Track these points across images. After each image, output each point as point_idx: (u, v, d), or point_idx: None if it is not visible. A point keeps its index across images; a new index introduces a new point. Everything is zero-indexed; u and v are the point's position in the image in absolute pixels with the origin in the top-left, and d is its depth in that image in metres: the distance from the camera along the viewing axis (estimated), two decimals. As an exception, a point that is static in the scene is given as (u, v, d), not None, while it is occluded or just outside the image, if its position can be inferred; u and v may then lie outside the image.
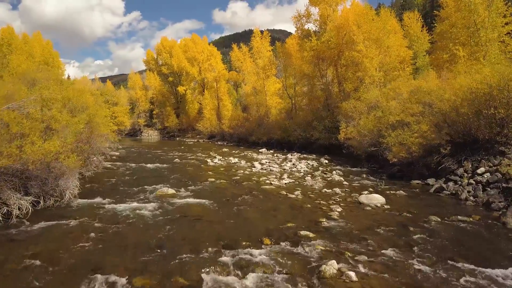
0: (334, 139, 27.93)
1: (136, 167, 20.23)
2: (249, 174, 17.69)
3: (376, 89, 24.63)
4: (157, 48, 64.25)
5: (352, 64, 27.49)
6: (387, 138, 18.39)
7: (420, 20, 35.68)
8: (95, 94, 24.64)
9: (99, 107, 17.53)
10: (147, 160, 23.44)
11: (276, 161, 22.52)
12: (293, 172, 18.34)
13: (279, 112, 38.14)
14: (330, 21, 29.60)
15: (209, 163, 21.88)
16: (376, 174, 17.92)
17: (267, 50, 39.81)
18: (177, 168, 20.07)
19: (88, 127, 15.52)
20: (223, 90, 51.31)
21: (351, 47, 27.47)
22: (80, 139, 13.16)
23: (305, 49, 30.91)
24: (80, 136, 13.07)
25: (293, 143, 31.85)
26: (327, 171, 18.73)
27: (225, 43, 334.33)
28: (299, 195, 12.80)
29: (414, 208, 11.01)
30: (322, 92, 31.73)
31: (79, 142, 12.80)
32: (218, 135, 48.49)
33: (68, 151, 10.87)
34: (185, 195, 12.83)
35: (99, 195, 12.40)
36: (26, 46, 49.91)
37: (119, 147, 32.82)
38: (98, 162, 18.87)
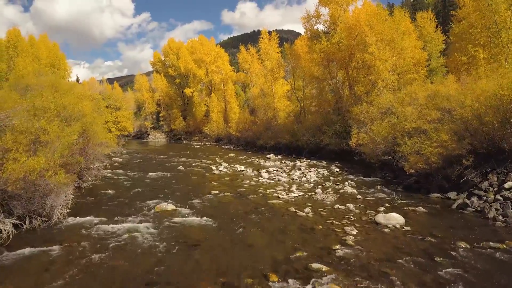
0: (345, 144, 26.82)
1: (137, 176, 19.32)
2: (256, 185, 16.65)
3: (390, 93, 23.44)
4: (164, 50, 63.57)
5: (364, 66, 26.32)
6: (402, 146, 17.26)
7: (434, 20, 34.34)
8: (97, 98, 23.76)
9: (97, 115, 16.62)
10: (150, 168, 22.53)
11: (284, 169, 21.45)
12: (302, 183, 17.26)
13: (287, 115, 37.05)
14: (340, 21, 28.45)
15: (214, 171, 20.89)
16: (391, 185, 16.78)
17: (275, 52, 38.72)
18: (180, 178, 19.11)
19: (84, 136, 14.63)
20: (230, 93, 50.33)
21: (363, 49, 26.29)
22: (74, 150, 12.23)
23: (315, 51, 29.79)
24: (74, 147, 12.13)
25: (301, 148, 30.75)
26: (338, 182, 17.63)
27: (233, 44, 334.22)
28: (310, 212, 11.73)
29: (437, 230, 9.88)
30: (332, 95, 30.59)
31: (72, 154, 11.86)
32: (225, 138, 47.54)
33: (56, 166, 9.93)
34: (186, 212, 11.83)
35: (92, 212, 11.46)
36: (32, 49, 49.50)
37: (123, 152, 32.07)
38: (97, 171, 17.99)
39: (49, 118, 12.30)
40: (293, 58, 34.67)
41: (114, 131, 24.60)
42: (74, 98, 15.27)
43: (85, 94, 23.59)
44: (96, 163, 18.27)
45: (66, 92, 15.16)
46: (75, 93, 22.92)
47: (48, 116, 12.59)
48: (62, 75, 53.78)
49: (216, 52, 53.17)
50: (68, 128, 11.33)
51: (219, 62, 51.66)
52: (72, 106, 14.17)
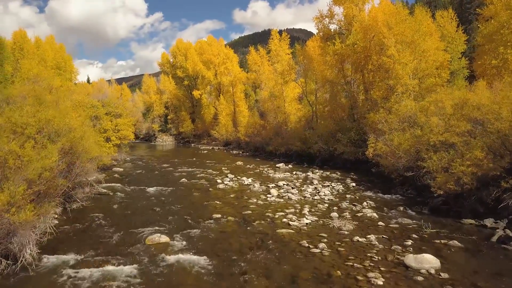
0: (360, 153, 24.97)
1: (134, 193, 17.77)
2: (263, 206, 14.96)
3: (411, 100, 21.54)
4: (172, 51, 62.22)
5: (381, 70, 24.40)
6: (427, 161, 15.44)
7: (455, 19, 32.18)
8: (95, 106, 22.33)
9: (89, 128, 15.06)
10: (150, 181, 21.01)
11: (295, 183, 19.71)
12: (315, 203, 15.52)
13: (299, 119, 35.26)
14: (356, 21, 26.56)
15: (219, 185, 19.24)
16: (415, 205, 14.97)
17: (286, 53, 36.95)
18: (181, 194, 17.52)
19: (71, 153, 13.11)
20: (239, 95, 48.68)
21: (380, 51, 24.41)
22: (55, 173, 10.69)
23: (328, 53, 27.97)
24: (54, 170, 10.59)
25: (313, 155, 28.94)
26: (355, 200, 15.89)
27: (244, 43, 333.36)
28: (325, 248, 9.99)
29: (481, 279, 8.12)
30: (347, 100, 28.72)
31: (52, 178, 10.32)
32: (233, 142, 45.94)
33: (25, 198, 8.39)
34: (180, 247, 10.20)
35: (73, 247, 9.91)
36: (38, 50, 48.57)
37: (127, 159, 30.68)
38: (91, 188, 16.51)
39: (26, 136, 10.80)
40: (305, 60, 32.84)
41: (114, 139, 23.13)
42: (61, 110, 13.75)
43: (83, 102, 22.17)
44: (91, 176, 16.85)
45: (53, 104, 13.65)
46: (65, 104, 21.58)
47: (27, 133, 11.10)
48: (68, 77, 52.91)
49: (225, 53, 51.55)
50: (43, 151, 9.76)
51: (227, 63, 50.03)
52: (58, 120, 12.64)
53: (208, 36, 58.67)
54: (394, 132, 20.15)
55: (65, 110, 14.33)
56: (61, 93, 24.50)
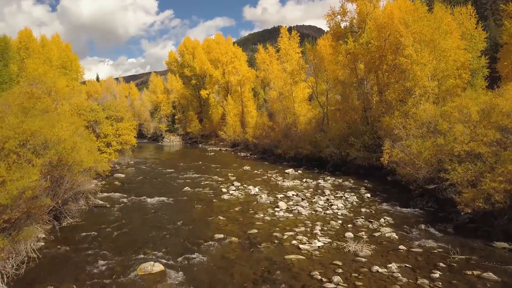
0: (374, 159, 23.59)
1: (132, 205, 16.61)
2: (271, 223, 13.67)
3: (429, 104, 20.07)
4: (180, 49, 61.09)
5: (397, 70, 22.91)
6: (451, 173, 14.05)
7: (474, 16, 30.44)
8: (95, 110, 21.25)
9: (81, 138, 13.89)
10: (152, 189, 19.86)
11: (305, 194, 18.39)
12: (327, 218, 14.21)
13: (309, 121, 33.86)
14: (370, 19, 25.06)
15: (224, 196, 17.99)
16: (438, 222, 13.63)
17: (296, 52, 35.51)
18: (182, 207, 16.31)
19: (60, 167, 11.98)
20: (247, 95, 47.36)
21: (396, 50, 22.92)
22: (36, 192, 9.55)
23: (340, 52, 26.54)
24: (36, 189, 9.44)
25: (324, 160, 27.56)
26: (371, 215, 14.56)
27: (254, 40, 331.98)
28: (340, 282, 8.70)
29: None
30: (360, 102, 27.26)
31: (30, 201, 9.19)
32: (241, 143, 44.68)
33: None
34: (175, 279, 8.98)
35: (51, 279, 8.77)
36: (43, 50, 47.90)
37: (130, 163, 29.64)
38: (86, 200, 15.43)
39: (7, 151, 9.68)
40: (316, 60, 31.40)
41: (115, 145, 22.01)
42: (50, 119, 12.60)
43: (82, 105, 21.10)
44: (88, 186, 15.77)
45: (40, 112, 12.53)
46: (63, 108, 20.51)
47: (8, 147, 9.97)
48: (74, 77, 52.17)
49: (233, 52, 50.22)
50: (17, 172, 8.59)
51: (235, 62, 48.69)
52: (46, 131, 11.50)
53: (216, 34, 57.38)
54: (412, 138, 18.77)
55: (54, 119, 13.19)
56: (60, 95, 23.54)
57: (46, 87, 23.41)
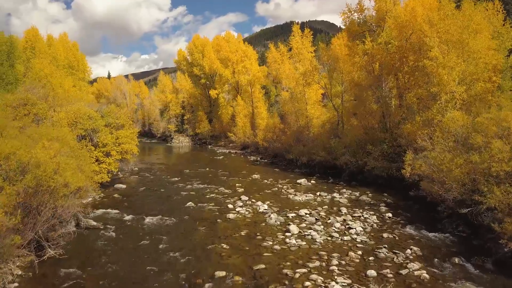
0: (394, 169, 21.73)
1: (128, 226, 15.07)
2: (280, 254, 11.99)
3: (457, 111, 18.11)
4: (189, 47, 59.56)
5: (421, 73, 20.92)
6: (488, 196, 12.22)
7: (502, 11, 28.15)
8: (93, 117, 19.81)
9: (69, 156, 12.33)
10: (152, 205, 18.32)
11: (319, 212, 16.66)
12: (345, 247, 12.49)
13: (322, 124, 32.06)
14: (389, 17, 23.08)
15: (229, 215, 16.30)
16: (474, 253, 11.86)
17: (309, 51, 33.67)
18: (182, 230, 14.70)
19: (40, 193, 10.48)
20: (258, 96, 45.63)
21: (419, 51, 20.98)
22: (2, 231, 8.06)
23: (357, 53, 24.61)
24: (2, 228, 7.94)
25: (340, 168, 25.76)
26: (395, 243, 12.84)
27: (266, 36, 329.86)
28: None
29: None
30: (378, 106, 25.32)
31: None
32: (251, 146, 43.08)
33: None
34: None
35: None
36: (50, 49, 46.88)
37: (135, 170, 28.25)
38: (77, 220, 13.98)
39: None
40: (330, 60, 29.50)
41: (115, 154, 20.55)
42: (29, 138, 11.11)
43: (79, 113, 19.65)
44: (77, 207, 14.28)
45: (15, 131, 11.04)
46: (58, 116, 19.08)
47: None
48: (81, 76, 51.07)
49: (243, 50, 48.49)
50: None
51: (246, 62, 46.94)
52: (22, 152, 10.00)
53: (226, 32, 55.76)
54: (438, 150, 16.91)
55: (35, 136, 11.70)
56: (58, 101, 22.18)
57: (43, 92, 22.06)
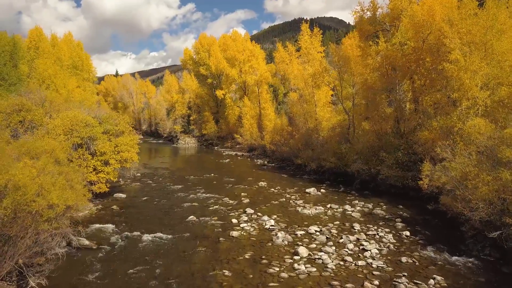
0: (410, 179, 20.41)
1: (124, 245, 13.94)
2: (288, 284, 10.77)
3: (480, 119, 16.69)
4: (195, 47, 58.41)
5: (439, 77, 19.49)
6: (521, 219, 10.89)
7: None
8: (90, 124, 18.74)
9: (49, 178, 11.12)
10: (152, 219, 17.18)
11: (330, 229, 15.39)
12: (360, 276, 11.22)
13: (332, 127, 30.71)
14: (405, 16, 21.67)
15: (233, 232, 15.04)
16: (506, 284, 10.44)
17: (318, 51, 32.31)
18: (182, 250, 13.54)
19: (19, 218, 9.39)
20: (265, 97, 44.33)
21: (437, 53, 19.57)
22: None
23: (370, 55, 23.24)
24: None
25: (351, 175, 24.43)
26: (416, 270, 11.61)
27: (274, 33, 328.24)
28: None
29: None
30: (392, 110, 23.92)
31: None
32: (258, 148, 41.86)
33: None
34: None
35: None
36: (54, 49, 46.12)
37: (137, 175, 27.20)
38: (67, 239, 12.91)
39: None
40: (341, 61, 28.06)
41: (113, 163, 19.47)
42: (5, 159, 10.00)
43: (75, 119, 18.57)
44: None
45: None
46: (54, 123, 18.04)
47: None
48: (86, 77, 50.24)
49: (250, 50, 47.15)
50: None
51: (253, 61, 45.65)
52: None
53: (233, 30, 54.44)
54: (459, 159, 15.59)
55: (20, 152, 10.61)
56: (55, 107, 21.17)
57: (39, 97, 21.07)
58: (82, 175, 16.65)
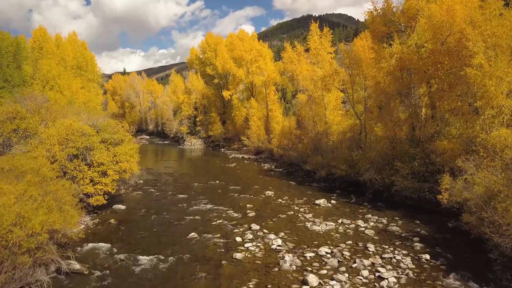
0: (427, 191, 19.08)
1: (117, 271, 12.80)
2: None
3: (506, 129, 15.33)
4: (202, 46, 57.32)
5: (459, 82, 18.08)
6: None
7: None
8: (87, 134, 17.68)
9: (30, 204, 10.02)
10: (150, 237, 16.04)
11: (342, 250, 14.16)
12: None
13: (343, 131, 29.42)
14: (422, 16, 20.26)
15: (237, 255, 13.84)
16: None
17: (328, 52, 30.99)
18: (180, 276, 12.36)
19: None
20: (272, 98, 43.09)
21: (458, 56, 18.17)
22: None
23: (383, 57, 21.86)
24: None
25: (362, 184, 23.12)
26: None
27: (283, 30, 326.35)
28: None
29: None
30: (406, 116, 22.55)
31: None
32: (266, 151, 40.66)
33: None
34: None
35: None
36: (58, 50, 45.34)
37: (139, 182, 26.20)
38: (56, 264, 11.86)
39: None
40: (352, 63, 26.72)
41: (112, 174, 18.41)
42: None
43: (72, 128, 17.53)
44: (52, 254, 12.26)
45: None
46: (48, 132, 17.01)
47: None
48: (90, 77, 49.37)
49: (257, 49, 45.83)
50: None
51: (260, 61, 44.36)
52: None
53: (240, 29, 53.16)
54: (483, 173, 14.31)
55: None
56: (51, 114, 20.18)
57: (35, 104, 20.09)
58: (76, 189, 15.65)
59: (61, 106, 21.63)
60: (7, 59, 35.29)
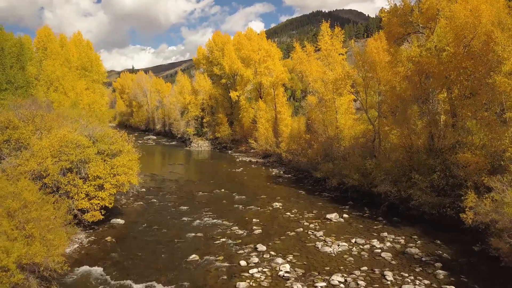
0: (448, 208, 17.61)
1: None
2: None
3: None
4: (209, 45, 56.01)
5: (485, 90, 16.53)
6: None
7: None
8: (82, 145, 16.53)
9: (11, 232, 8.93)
10: (147, 259, 14.85)
11: (357, 279, 12.81)
12: None
13: (355, 136, 27.92)
14: (443, 17, 18.72)
15: (240, 284, 12.62)
16: None
17: (339, 53, 29.49)
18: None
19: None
20: (281, 100, 41.67)
21: (483, 61, 16.62)
22: None
23: (400, 61, 20.36)
24: None
25: (376, 196, 21.66)
26: None
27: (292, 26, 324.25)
28: None
29: None
30: (424, 124, 21.01)
31: None
32: (274, 154, 39.33)
33: None
34: None
35: None
36: (62, 50, 44.43)
37: (141, 190, 25.03)
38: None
39: None
40: (365, 66, 25.19)
41: (109, 187, 17.26)
42: None
43: (66, 139, 16.40)
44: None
45: None
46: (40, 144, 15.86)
47: None
48: (95, 78, 48.42)
49: (265, 49, 44.32)
50: None
51: (268, 62, 42.90)
52: None
53: (248, 28, 51.71)
54: None
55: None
56: (47, 123, 19.07)
57: (29, 112, 19.01)
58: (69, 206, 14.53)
59: (57, 113, 20.45)
60: (10, 60, 34.41)
